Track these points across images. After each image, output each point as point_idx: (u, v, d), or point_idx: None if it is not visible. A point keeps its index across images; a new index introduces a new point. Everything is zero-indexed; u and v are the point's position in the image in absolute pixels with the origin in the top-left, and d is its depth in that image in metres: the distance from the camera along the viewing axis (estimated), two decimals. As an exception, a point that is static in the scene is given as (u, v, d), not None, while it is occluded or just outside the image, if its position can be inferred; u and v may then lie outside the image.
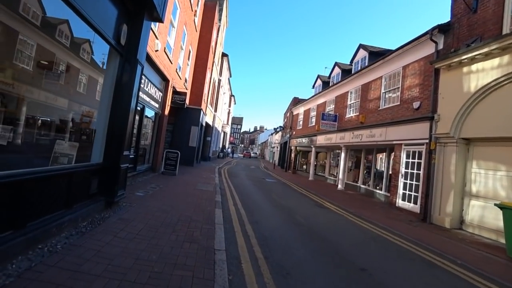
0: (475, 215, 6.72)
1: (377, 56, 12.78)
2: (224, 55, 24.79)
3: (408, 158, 9.19)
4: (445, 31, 8.14)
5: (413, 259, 4.57)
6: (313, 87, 22.42)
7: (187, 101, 14.26)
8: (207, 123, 20.29)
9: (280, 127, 33.80)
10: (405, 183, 9.17)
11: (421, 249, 5.10)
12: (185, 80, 13.70)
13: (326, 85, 19.21)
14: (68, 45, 3.61)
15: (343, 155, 14.12)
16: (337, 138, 14.50)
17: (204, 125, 18.98)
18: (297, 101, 24.84)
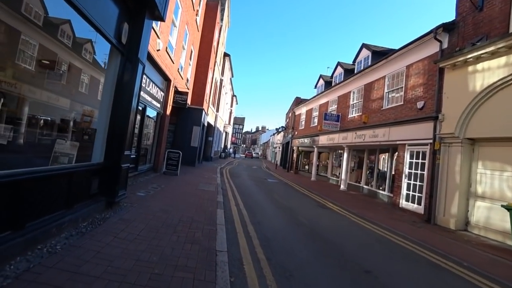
0: (480, 216, 6.61)
1: (380, 55, 12.67)
2: (226, 55, 24.76)
3: (411, 158, 9.09)
4: (449, 30, 8.04)
5: (418, 261, 4.48)
6: (315, 87, 22.31)
7: (189, 101, 14.23)
8: (209, 123, 20.26)
9: (282, 127, 33.66)
10: (408, 184, 9.07)
11: (426, 250, 5.01)
12: (187, 80, 13.67)
13: (328, 85, 19.11)
14: (69, 45, 3.58)
15: (346, 155, 14.03)
16: (340, 138, 14.40)
17: (206, 125, 18.95)
18: (299, 101, 24.71)
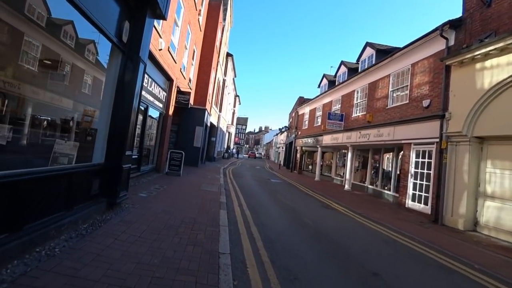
0: (490, 216, 6.43)
1: (385, 54, 12.49)
2: (228, 55, 24.68)
3: (417, 157, 8.93)
4: (456, 26, 7.87)
5: (427, 263, 4.35)
6: (318, 86, 22.16)
7: (192, 101, 14.17)
8: (211, 123, 20.20)
9: (285, 127, 33.53)
10: (414, 183, 8.90)
11: (434, 252, 4.87)
12: (189, 80, 13.62)
13: (332, 84, 18.94)
14: (68, 44, 3.52)
15: (350, 155, 13.86)
16: (344, 137, 14.24)
17: (208, 125, 18.90)
18: (302, 101, 24.56)
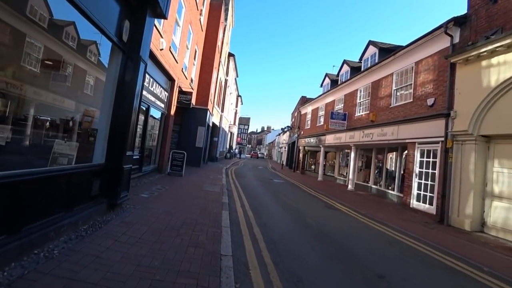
0: (498, 217, 6.30)
1: (387, 52, 12.37)
2: (230, 55, 24.66)
3: (422, 157, 8.80)
4: (461, 23, 7.74)
5: (434, 264, 4.25)
6: (321, 85, 22.02)
7: (194, 101, 14.14)
8: (213, 123, 20.17)
9: (287, 127, 33.40)
10: (419, 183, 8.78)
11: (440, 253, 4.76)
12: (191, 80, 13.59)
13: (334, 83, 18.81)
14: (68, 44, 3.48)
15: (353, 154, 13.74)
16: (347, 137, 14.12)
17: (210, 125, 18.86)
18: (305, 100, 24.44)
